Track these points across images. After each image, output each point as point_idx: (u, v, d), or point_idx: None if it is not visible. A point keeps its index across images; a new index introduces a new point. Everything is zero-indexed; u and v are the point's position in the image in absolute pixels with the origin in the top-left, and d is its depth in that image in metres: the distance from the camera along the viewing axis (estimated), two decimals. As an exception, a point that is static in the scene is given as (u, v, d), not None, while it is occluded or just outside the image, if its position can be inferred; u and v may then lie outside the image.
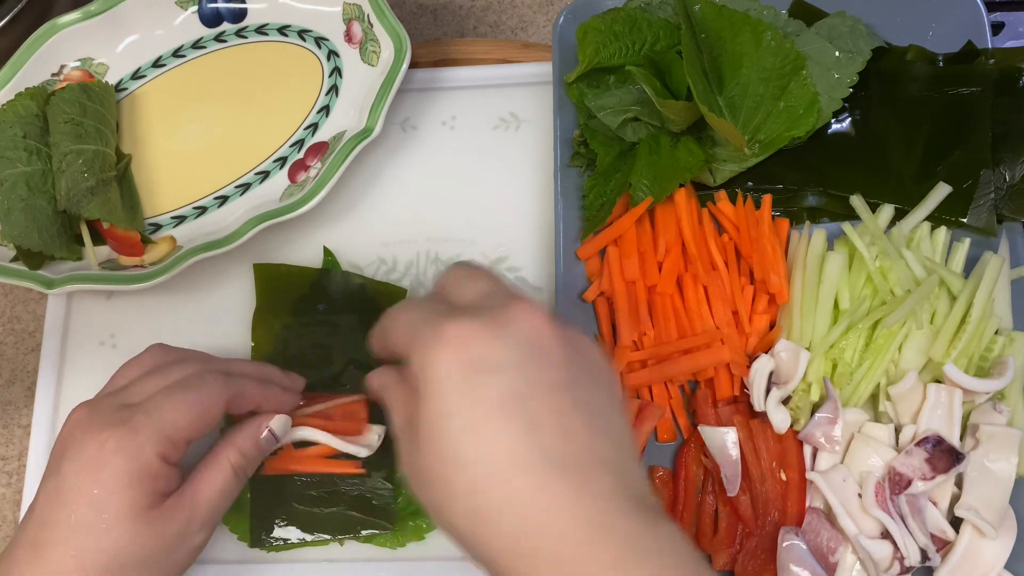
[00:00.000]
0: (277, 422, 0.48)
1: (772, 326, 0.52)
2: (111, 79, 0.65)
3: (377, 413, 0.52)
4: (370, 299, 0.56)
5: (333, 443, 0.51)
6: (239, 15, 0.65)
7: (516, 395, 0.33)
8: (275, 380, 0.50)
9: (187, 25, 0.65)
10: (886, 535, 0.45)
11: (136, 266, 0.57)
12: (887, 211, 0.52)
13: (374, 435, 0.51)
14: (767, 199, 0.53)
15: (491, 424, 0.33)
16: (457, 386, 0.34)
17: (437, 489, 0.34)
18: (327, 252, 0.58)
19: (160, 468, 0.42)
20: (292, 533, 0.51)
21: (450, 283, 0.39)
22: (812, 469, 0.48)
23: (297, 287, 0.57)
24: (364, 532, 0.51)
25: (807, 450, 0.48)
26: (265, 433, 0.48)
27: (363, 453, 0.51)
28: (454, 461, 0.33)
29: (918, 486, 0.45)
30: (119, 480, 0.41)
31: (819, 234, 0.52)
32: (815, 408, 0.49)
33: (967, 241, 0.51)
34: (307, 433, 0.50)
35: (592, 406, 0.35)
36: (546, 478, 0.32)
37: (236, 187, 0.60)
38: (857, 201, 0.52)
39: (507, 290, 0.38)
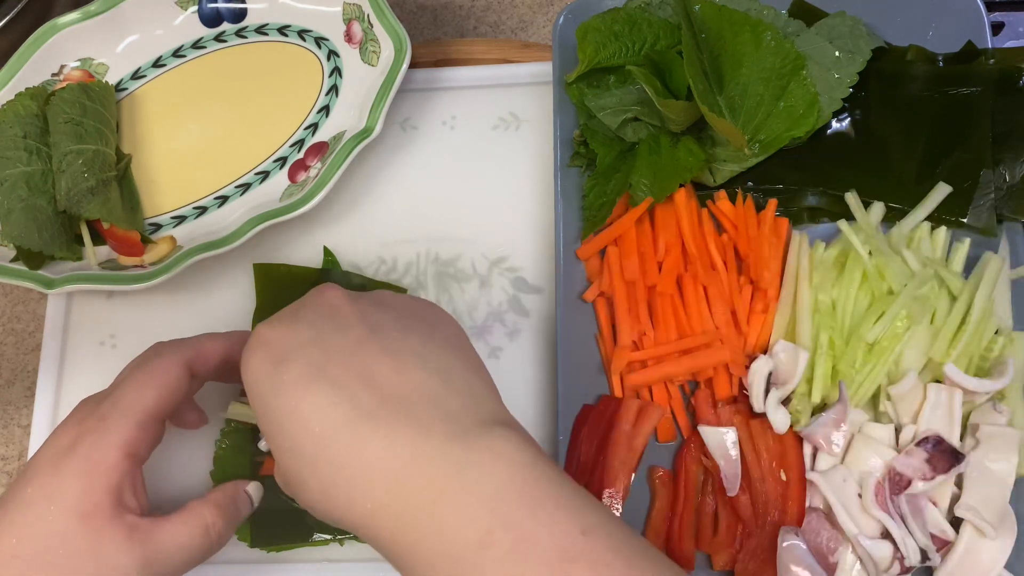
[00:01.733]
0: (253, 487, 0.47)
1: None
2: (111, 79, 0.65)
3: None
4: None
5: None
6: (239, 15, 0.65)
7: (315, 367, 0.35)
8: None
9: (187, 25, 0.65)
10: (886, 535, 0.45)
11: (136, 266, 0.57)
12: (878, 208, 0.52)
13: None
14: (772, 202, 0.53)
15: (302, 402, 0.34)
16: (268, 383, 0.35)
17: (294, 481, 0.35)
18: (327, 252, 0.58)
19: (118, 462, 0.40)
20: (292, 533, 0.51)
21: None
22: (812, 469, 0.48)
23: (297, 287, 0.57)
24: None
25: (807, 450, 0.48)
26: (242, 496, 0.46)
27: None
28: (291, 450, 0.34)
29: (918, 486, 0.45)
30: (78, 467, 0.40)
31: (817, 242, 0.52)
32: (816, 409, 0.49)
33: (967, 241, 0.51)
34: None
35: (400, 346, 0.36)
36: (361, 430, 0.33)
37: (236, 187, 0.60)
38: (851, 199, 0.52)
39: (327, 288, 0.40)
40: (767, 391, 0.48)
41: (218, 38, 0.65)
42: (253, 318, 0.57)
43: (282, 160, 0.60)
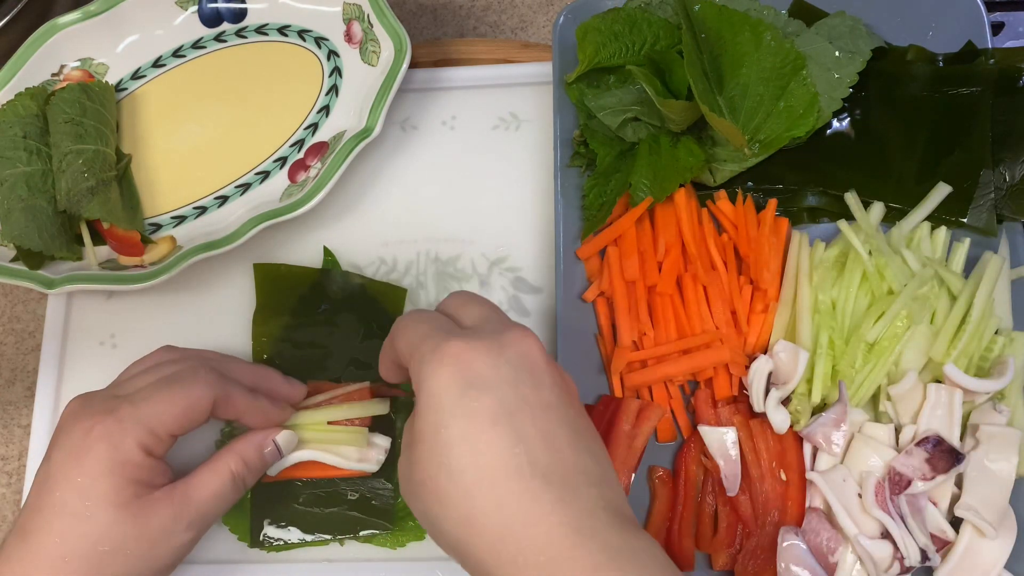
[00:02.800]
0: (283, 437, 0.48)
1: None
2: (111, 79, 0.65)
3: (380, 423, 0.52)
4: (370, 299, 0.56)
5: (339, 464, 0.50)
6: (239, 15, 0.65)
7: (508, 410, 0.36)
8: (274, 387, 0.50)
9: (187, 25, 0.65)
10: (886, 535, 0.45)
11: (136, 266, 0.57)
12: (878, 208, 0.52)
13: (380, 451, 0.51)
14: (772, 202, 0.53)
15: (483, 435, 0.35)
16: (453, 400, 0.36)
17: (431, 498, 0.36)
18: (327, 252, 0.58)
19: (142, 459, 0.43)
20: (292, 533, 0.51)
21: (454, 303, 0.42)
22: (812, 469, 0.48)
23: (297, 287, 0.57)
24: (364, 532, 0.51)
25: (807, 450, 0.48)
26: (270, 446, 0.48)
27: (371, 469, 0.51)
28: (448, 470, 0.35)
29: (918, 486, 0.45)
30: (101, 466, 0.42)
31: (817, 241, 0.52)
32: (816, 409, 0.49)
33: (967, 241, 0.51)
34: (313, 455, 0.50)
35: (576, 426, 0.37)
36: (533, 486, 0.34)
37: (236, 187, 0.60)
38: (851, 198, 0.52)
39: (506, 318, 0.41)
40: (767, 391, 0.48)
41: (218, 38, 0.65)
42: (253, 318, 0.57)
43: (282, 160, 0.60)
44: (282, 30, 0.64)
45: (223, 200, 0.60)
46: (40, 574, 0.41)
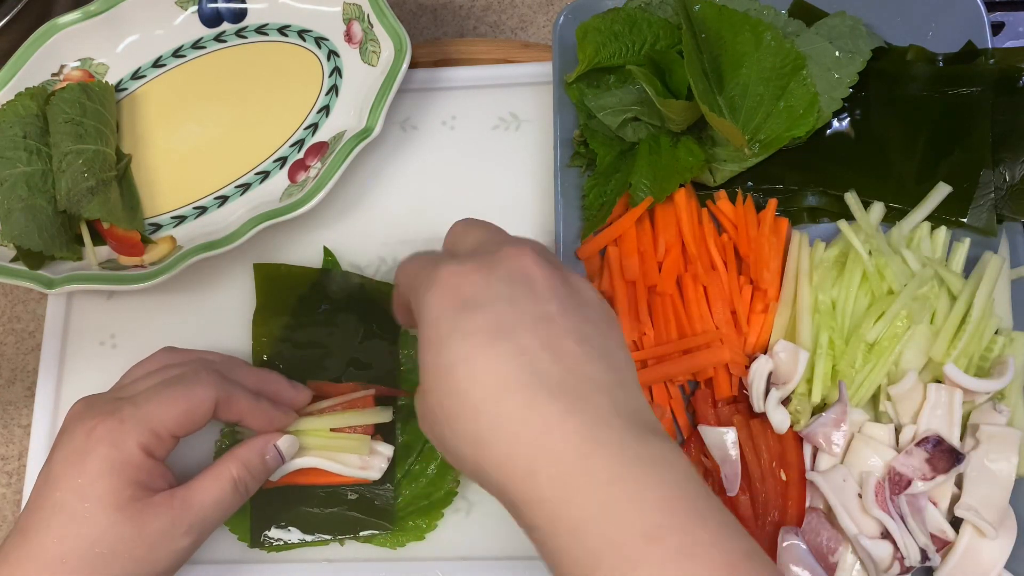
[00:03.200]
0: (285, 441, 0.48)
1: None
2: (111, 79, 0.65)
3: (383, 431, 0.52)
4: (370, 299, 0.56)
5: (341, 471, 0.50)
6: (239, 15, 0.65)
7: (505, 325, 0.34)
8: (278, 391, 0.50)
9: (187, 25, 0.65)
10: (886, 535, 0.45)
11: (136, 266, 0.57)
12: (878, 208, 0.52)
13: (383, 459, 0.51)
14: (772, 202, 0.53)
15: (482, 352, 0.34)
16: (449, 323, 0.35)
17: (442, 423, 0.35)
18: (327, 252, 0.58)
19: (142, 460, 0.43)
20: (292, 533, 0.51)
21: (453, 235, 0.41)
22: (812, 469, 0.48)
23: (297, 287, 0.57)
24: (364, 532, 0.51)
25: (807, 450, 0.48)
26: (272, 452, 0.47)
27: (373, 477, 0.51)
28: (453, 392, 0.34)
29: (918, 486, 0.45)
30: (101, 467, 0.42)
31: (817, 241, 0.52)
32: (816, 409, 0.49)
33: (967, 241, 0.51)
34: (315, 462, 0.50)
35: (583, 333, 0.36)
36: (537, 398, 0.33)
37: (236, 187, 0.60)
38: (851, 198, 0.52)
39: (505, 237, 0.40)
40: (767, 391, 0.48)
41: (218, 38, 0.65)
42: (253, 318, 0.57)
43: (282, 160, 0.60)
44: (282, 30, 0.64)
45: (223, 200, 0.60)
46: (38, 574, 0.41)
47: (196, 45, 0.65)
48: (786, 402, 0.49)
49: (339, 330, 0.55)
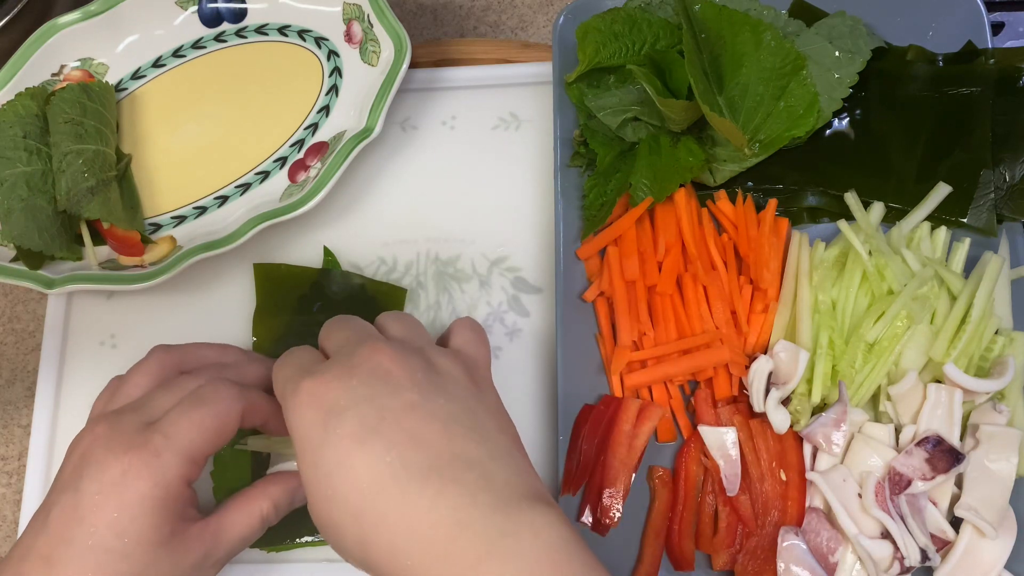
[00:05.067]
0: None
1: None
2: (111, 79, 0.65)
3: None
4: (370, 299, 0.56)
5: None
6: (239, 15, 0.65)
7: (369, 425, 0.36)
8: None
9: (187, 25, 0.65)
10: (886, 535, 0.45)
11: (136, 266, 0.57)
12: (878, 208, 0.52)
13: None
14: (772, 202, 0.53)
15: (354, 457, 0.36)
16: (319, 434, 0.37)
17: (330, 530, 0.37)
18: (327, 252, 0.58)
19: (182, 491, 0.42)
20: (292, 533, 0.51)
21: (323, 333, 0.44)
22: (812, 469, 0.48)
23: (297, 287, 0.57)
24: None
25: (807, 450, 0.48)
26: (301, 494, 0.47)
27: None
28: (334, 500, 0.36)
29: (918, 486, 0.45)
30: (143, 505, 0.40)
31: (817, 241, 0.52)
32: (816, 409, 0.49)
33: (967, 241, 0.51)
34: None
35: (448, 412, 0.38)
36: (409, 489, 0.35)
37: (236, 187, 0.60)
38: (851, 198, 0.52)
39: (364, 334, 0.42)
40: (767, 391, 0.48)
41: (218, 38, 0.65)
42: (253, 318, 0.57)
43: (282, 160, 0.60)
44: (282, 30, 0.64)
45: (223, 200, 0.60)
46: None
47: (196, 45, 0.65)
48: (786, 402, 0.49)
49: (339, 330, 0.55)
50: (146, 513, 0.40)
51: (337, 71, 0.62)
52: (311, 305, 0.56)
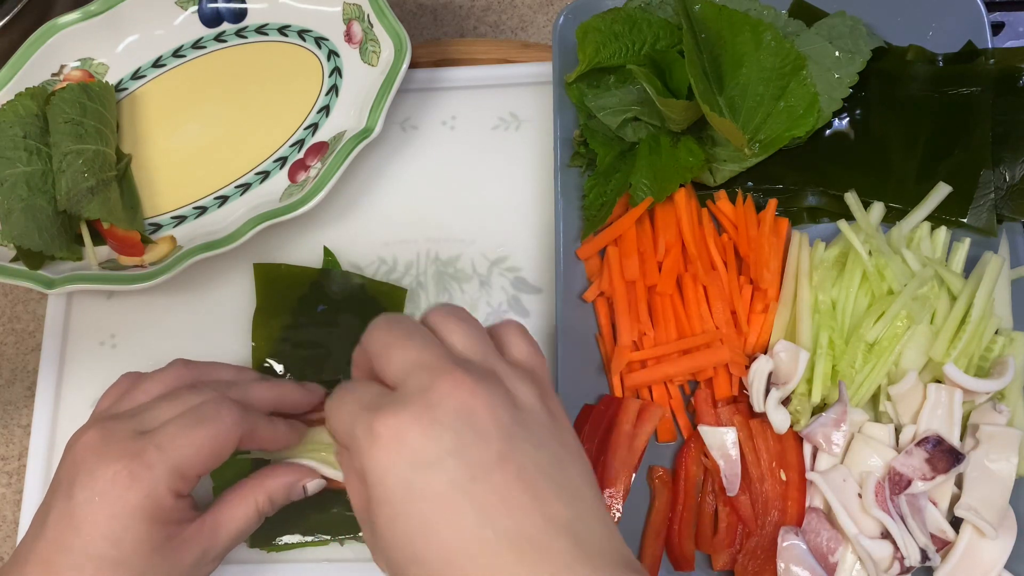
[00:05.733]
0: (313, 484, 0.47)
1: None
2: (111, 79, 0.65)
3: None
4: (370, 299, 0.56)
5: (340, 476, 0.49)
6: (239, 15, 0.65)
7: (458, 484, 0.34)
8: (294, 401, 0.49)
9: (187, 25, 0.65)
10: (886, 535, 0.45)
11: (136, 266, 0.57)
12: (878, 208, 0.53)
13: None
14: (772, 202, 0.53)
15: (441, 518, 0.34)
16: (402, 489, 0.34)
17: None
18: (327, 252, 0.58)
19: (173, 503, 0.42)
20: (292, 533, 0.51)
21: (376, 352, 0.39)
22: (812, 469, 0.48)
23: (297, 287, 0.57)
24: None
25: (807, 450, 0.48)
26: (298, 489, 0.47)
27: None
28: (412, 559, 0.34)
29: (918, 486, 0.45)
30: (133, 515, 0.40)
31: (817, 241, 0.52)
32: (816, 409, 0.49)
33: (967, 241, 0.51)
34: (315, 466, 0.48)
35: (538, 467, 0.35)
36: (500, 559, 0.33)
37: (236, 187, 0.60)
38: (851, 198, 0.52)
39: (433, 359, 0.37)
40: (767, 391, 0.48)
41: (218, 38, 0.65)
42: (253, 318, 0.57)
43: (282, 160, 0.60)
44: (282, 30, 0.64)
45: (223, 200, 0.60)
46: None
47: (196, 45, 0.65)
48: (786, 402, 0.49)
49: (339, 330, 0.55)
50: (138, 522, 0.40)
51: (337, 71, 0.62)
52: (311, 305, 0.56)
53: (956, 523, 0.46)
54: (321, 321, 0.56)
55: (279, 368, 0.55)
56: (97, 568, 0.40)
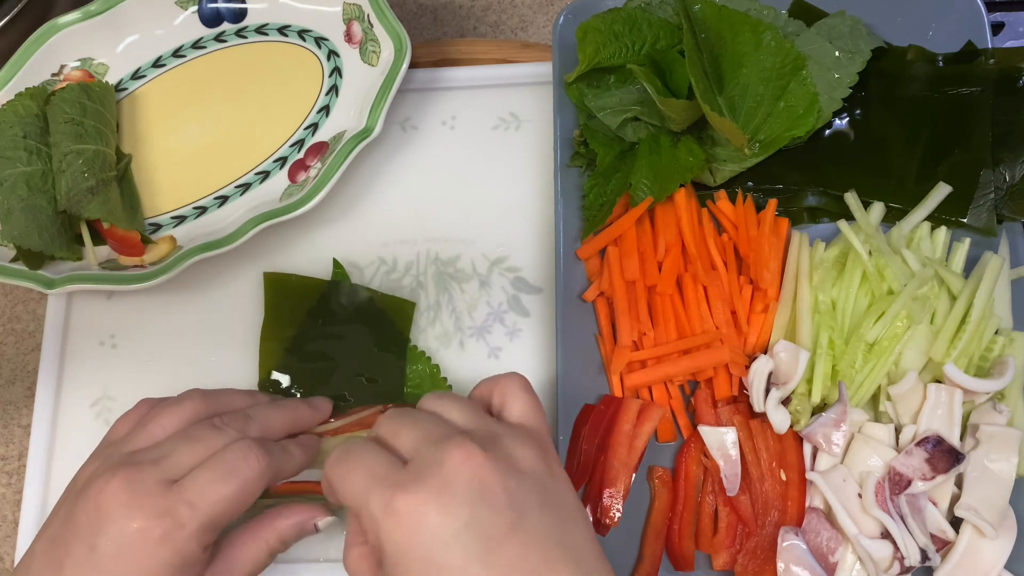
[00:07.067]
0: (324, 522, 0.47)
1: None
2: (111, 79, 0.65)
3: None
4: (379, 311, 0.56)
5: None
6: (239, 15, 0.65)
7: (474, 556, 0.35)
8: (305, 421, 0.49)
9: (187, 25, 0.65)
10: (886, 535, 0.45)
11: (136, 266, 0.57)
12: (878, 208, 0.53)
13: None
14: (772, 202, 0.53)
15: None
16: (419, 565, 0.36)
17: None
18: (336, 264, 0.58)
19: (201, 556, 0.42)
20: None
21: (387, 431, 0.41)
22: (812, 469, 0.48)
23: (306, 299, 0.56)
24: None
25: (807, 450, 0.48)
26: (310, 528, 0.46)
27: None
28: None
29: (918, 486, 0.45)
30: (161, 571, 0.40)
31: (817, 241, 0.52)
32: (816, 409, 0.49)
33: (967, 241, 0.51)
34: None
35: (546, 533, 0.37)
36: None
37: (236, 187, 0.60)
38: (851, 198, 0.52)
39: (440, 431, 0.39)
40: (767, 391, 0.48)
41: (218, 38, 0.65)
42: (262, 329, 0.56)
43: (282, 160, 0.60)
44: (282, 30, 0.64)
45: (223, 200, 0.60)
46: None
47: (196, 45, 0.65)
48: (786, 402, 0.49)
49: (347, 343, 0.55)
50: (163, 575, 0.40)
51: (337, 71, 0.62)
52: (319, 317, 0.56)
53: (956, 523, 0.46)
54: (329, 333, 0.55)
55: (285, 380, 0.55)
56: None
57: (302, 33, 0.64)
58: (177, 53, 0.65)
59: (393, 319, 0.56)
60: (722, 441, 0.48)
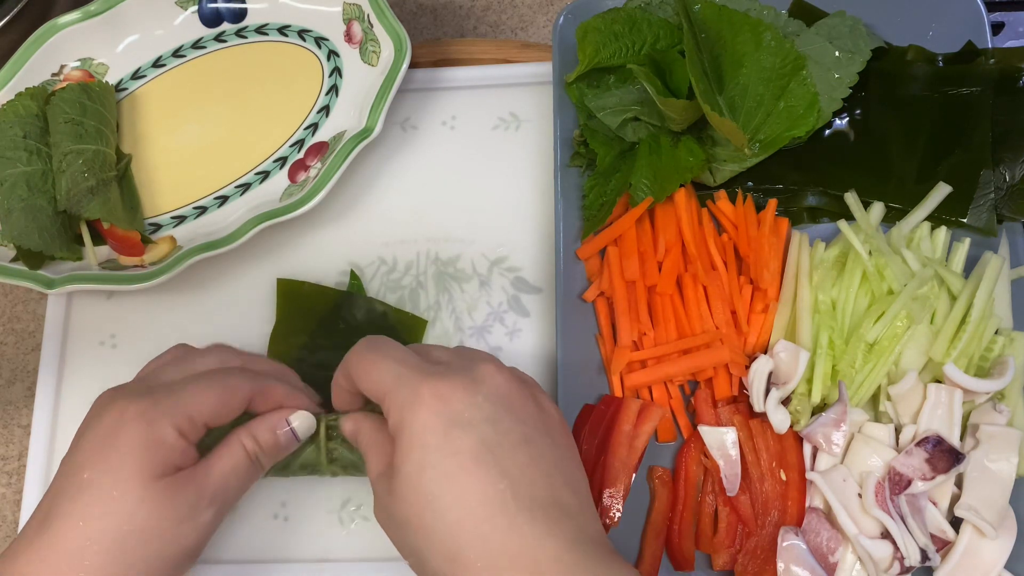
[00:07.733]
0: (298, 418, 0.46)
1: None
2: (111, 79, 0.65)
3: None
4: (391, 327, 0.56)
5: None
6: (239, 15, 0.65)
7: (489, 447, 0.38)
8: (295, 384, 0.49)
9: (187, 25, 0.65)
10: (886, 535, 0.45)
11: (136, 266, 0.57)
12: (878, 208, 0.53)
13: None
14: (772, 202, 0.53)
15: (467, 472, 0.37)
16: (437, 440, 0.38)
17: (416, 535, 0.38)
18: (353, 276, 0.58)
19: (176, 440, 0.42)
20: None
21: (419, 347, 0.44)
22: (812, 469, 0.48)
23: (319, 308, 0.56)
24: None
25: (807, 450, 0.48)
26: (283, 427, 0.46)
27: None
28: (433, 507, 0.37)
29: (918, 486, 0.45)
30: (133, 443, 0.41)
31: (817, 241, 0.52)
32: (816, 409, 0.49)
33: (967, 241, 0.51)
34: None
35: (554, 458, 0.39)
36: (518, 521, 0.36)
37: (236, 187, 0.60)
38: (851, 198, 0.52)
39: (473, 352, 0.43)
40: (767, 391, 0.48)
41: (218, 38, 0.65)
42: (271, 336, 0.56)
43: (282, 160, 0.60)
44: (282, 30, 0.64)
45: (223, 200, 0.60)
46: (63, 557, 0.40)
47: (196, 45, 0.65)
48: (786, 402, 0.49)
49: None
50: (136, 451, 0.41)
51: (337, 71, 0.62)
52: (330, 328, 0.56)
53: (956, 523, 0.46)
54: (338, 345, 0.55)
55: None
56: (90, 502, 0.40)
57: (302, 33, 0.64)
58: (177, 53, 0.65)
59: (404, 335, 0.55)
60: (722, 441, 0.48)
